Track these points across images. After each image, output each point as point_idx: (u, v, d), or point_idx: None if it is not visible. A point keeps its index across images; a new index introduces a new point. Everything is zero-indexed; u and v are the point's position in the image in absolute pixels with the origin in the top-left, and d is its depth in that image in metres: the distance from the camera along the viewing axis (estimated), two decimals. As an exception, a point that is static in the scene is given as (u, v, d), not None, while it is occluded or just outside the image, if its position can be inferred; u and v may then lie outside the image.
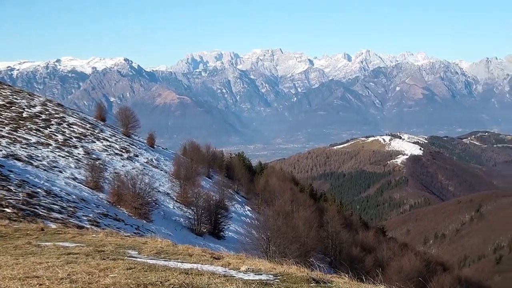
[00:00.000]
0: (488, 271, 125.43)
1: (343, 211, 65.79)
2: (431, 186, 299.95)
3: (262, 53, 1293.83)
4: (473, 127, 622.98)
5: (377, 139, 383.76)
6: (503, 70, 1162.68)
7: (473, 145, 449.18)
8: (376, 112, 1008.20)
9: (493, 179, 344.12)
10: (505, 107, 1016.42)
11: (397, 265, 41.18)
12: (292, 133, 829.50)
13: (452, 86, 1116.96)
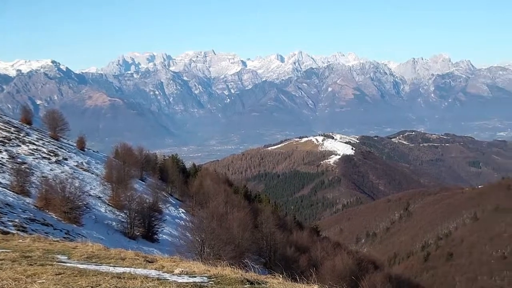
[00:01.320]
0: (417, 268, 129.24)
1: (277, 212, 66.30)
2: (362, 185, 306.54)
3: (194, 55, 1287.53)
4: (401, 127, 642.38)
5: (310, 140, 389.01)
6: (429, 70, 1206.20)
7: (401, 145, 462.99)
8: (309, 113, 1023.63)
9: (420, 177, 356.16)
10: (430, 106, 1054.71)
11: (330, 265, 41.77)
12: (226, 135, 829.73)
13: (382, 86, 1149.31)
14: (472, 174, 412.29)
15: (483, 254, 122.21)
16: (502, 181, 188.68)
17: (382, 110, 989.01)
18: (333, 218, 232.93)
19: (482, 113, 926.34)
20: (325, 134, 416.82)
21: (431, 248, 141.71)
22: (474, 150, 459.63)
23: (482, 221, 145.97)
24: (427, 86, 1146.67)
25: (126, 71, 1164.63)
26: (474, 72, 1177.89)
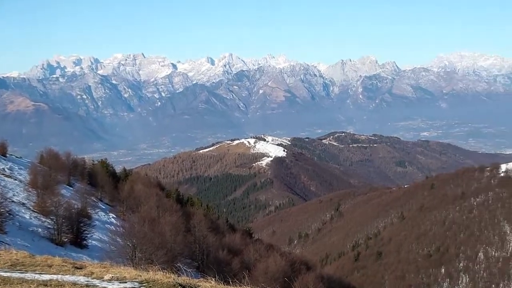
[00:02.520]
0: (348, 267, 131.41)
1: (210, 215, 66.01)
2: (294, 187, 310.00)
3: (123, 58, 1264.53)
4: (332, 128, 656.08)
5: (242, 142, 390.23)
6: (357, 71, 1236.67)
7: (332, 146, 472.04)
8: (241, 115, 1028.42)
9: (350, 178, 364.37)
10: (358, 108, 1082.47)
11: (263, 266, 41.87)
12: (157, 138, 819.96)
13: (312, 88, 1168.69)
14: (399, 174, 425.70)
15: (410, 252, 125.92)
16: (426, 181, 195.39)
17: (313, 111, 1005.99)
18: (265, 220, 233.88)
19: (407, 114, 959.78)
20: (257, 137, 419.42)
21: (361, 248, 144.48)
22: (400, 150, 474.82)
23: (408, 220, 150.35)
24: (356, 87, 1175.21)
25: (51, 75, 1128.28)
26: (399, 73, 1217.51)
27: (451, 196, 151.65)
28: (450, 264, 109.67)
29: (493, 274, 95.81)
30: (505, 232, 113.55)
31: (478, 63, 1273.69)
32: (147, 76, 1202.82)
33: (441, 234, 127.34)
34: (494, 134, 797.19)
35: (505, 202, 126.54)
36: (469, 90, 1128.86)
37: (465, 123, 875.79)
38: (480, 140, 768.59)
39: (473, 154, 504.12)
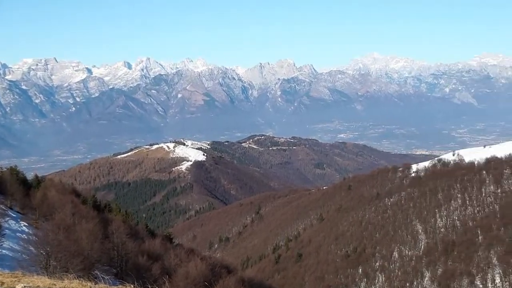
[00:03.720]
0: (268, 270, 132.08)
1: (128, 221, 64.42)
2: (215, 191, 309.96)
3: (34, 63, 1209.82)
4: (251, 131, 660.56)
5: (161, 147, 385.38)
6: (275, 75, 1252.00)
7: (252, 149, 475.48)
8: (160, 120, 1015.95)
9: (270, 180, 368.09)
10: (277, 110, 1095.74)
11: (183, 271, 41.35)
12: (71, 144, 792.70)
13: (231, 91, 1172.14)
14: (318, 176, 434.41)
15: (329, 253, 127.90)
16: (343, 182, 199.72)
17: (232, 115, 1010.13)
18: (186, 224, 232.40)
19: (325, 116, 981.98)
20: (176, 141, 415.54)
21: (282, 250, 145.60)
22: (318, 152, 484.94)
23: (327, 221, 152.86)
24: (274, 90, 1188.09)
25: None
26: (317, 76, 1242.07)
27: (367, 196, 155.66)
28: (367, 263, 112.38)
29: (407, 272, 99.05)
30: (417, 231, 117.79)
31: (390, 65, 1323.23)
32: (60, 81, 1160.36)
33: (358, 235, 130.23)
34: (405, 135, 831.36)
35: (416, 202, 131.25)
36: (382, 92, 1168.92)
37: (379, 125, 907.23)
38: (393, 141, 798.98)
39: (386, 155, 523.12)
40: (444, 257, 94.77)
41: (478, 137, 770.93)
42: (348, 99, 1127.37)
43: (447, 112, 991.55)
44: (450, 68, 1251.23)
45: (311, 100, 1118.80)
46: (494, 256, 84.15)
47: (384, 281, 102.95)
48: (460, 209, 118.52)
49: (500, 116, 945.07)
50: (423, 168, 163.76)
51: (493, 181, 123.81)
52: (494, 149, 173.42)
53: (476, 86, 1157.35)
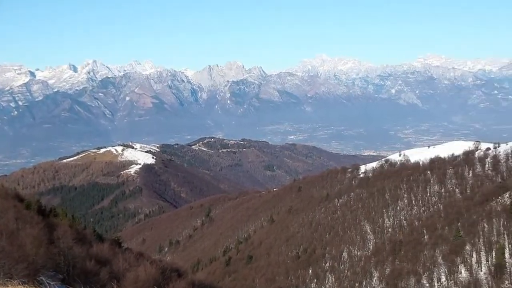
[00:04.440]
0: (219, 273, 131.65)
1: (75, 225, 62.82)
2: (164, 194, 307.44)
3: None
4: (201, 134, 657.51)
5: (109, 150, 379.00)
6: (224, 77, 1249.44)
7: (202, 151, 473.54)
8: (107, 123, 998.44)
9: (220, 183, 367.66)
10: (227, 113, 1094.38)
11: (133, 276, 40.58)
12: (14, 149, 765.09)
13: (180, 94, 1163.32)
14: (268, 177, 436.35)
15: (280, 255, 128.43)
16: (294, 183, 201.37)
17: (182, 118, 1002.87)
18: (135, 228, 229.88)
19: (274, 118, 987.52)
20: (124, 144, 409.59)
21: (232, 252, 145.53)
22: (268, 154, 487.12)
23: (278, 223, 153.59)
24: (224, 93, 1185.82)
25: None
26: (266, 78, 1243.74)
27: (317, 197, 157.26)
28: (317, 264, 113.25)
29: (357, 273, 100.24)
30: (366, 231, 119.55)
31: (338, 67, 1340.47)
32: (1, 84, 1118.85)
33: (308, 236, 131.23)
34: (354, 136, 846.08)
35: (365, 202, 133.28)
36: (331, 93, 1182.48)
37: (328, 126, 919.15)
38: (342, 142, 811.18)
39: (336, 156, 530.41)
40: (392, 256, 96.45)
41: (423, 137, 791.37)
42: (298, 101, 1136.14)
43: (394, 113, 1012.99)
44: (395, 69, 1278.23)
45: (261, 102, 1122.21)
46: (439, 255, 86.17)
47: (334, 281, 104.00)
48: (407, 209, 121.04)
49: (443, 116, 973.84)
50: (371, 169, 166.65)
51: (437, 181, 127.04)
52: (437, 149, 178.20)
53: (421, 87, 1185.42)
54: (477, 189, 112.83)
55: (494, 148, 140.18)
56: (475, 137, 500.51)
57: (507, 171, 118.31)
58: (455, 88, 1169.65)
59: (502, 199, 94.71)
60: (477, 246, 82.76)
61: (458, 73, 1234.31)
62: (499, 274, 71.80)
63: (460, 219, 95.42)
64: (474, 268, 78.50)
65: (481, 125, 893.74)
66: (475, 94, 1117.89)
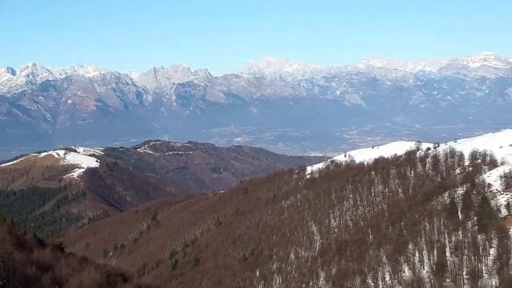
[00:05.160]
0: (166, 276, 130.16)
1: (15, 231, 60.71)
2: (109, 198, 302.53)
3: None
4: (147, 137, 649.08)
5: (50, 154, 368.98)
6: (169, 79, 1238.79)
7: (147, 154, 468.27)
8: (48, 127, 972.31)
9: (167, 186, 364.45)
10: (173, 115, 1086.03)
11: (77, 281, 39.66)
12: None
13: (124, 97, 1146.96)
14: (215, 180, 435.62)
15: (227, 257, 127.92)
16: (240, 185, 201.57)
17: (127, 120, 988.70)
18: (79, 233, 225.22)
19: (221, 120, 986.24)
20: (67, 148, 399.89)
21: (179, 255, 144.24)
22: (215, 157, 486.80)
23: (224, 225, 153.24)
24: (169, 95, 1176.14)
25: None
26: (212, 80, 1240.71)
27: (264, 199, 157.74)
28: (264, 266, 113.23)
29: (303, 273, 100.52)
30: (313, 232, 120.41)
31: (284, 68, 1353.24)
32: None
33: (255, 237, 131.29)
34: (300, 137, 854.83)
35: (311, 203, 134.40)
36: (277, 95, 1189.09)
37: (274, 128, 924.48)
38: (288, 143, 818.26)
39: (282, 158, 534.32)
40: (338, 257, 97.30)
41: (367, 138, 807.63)
42: (244, 103, 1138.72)
43: (339, 114, 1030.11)
44: (340, 71, 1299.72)
45: (207, 104, 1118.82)
46: (384, 254, 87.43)
47: (281, 282, 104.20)
48: (352, 209, 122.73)
49: (386, 117, 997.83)
50: (317, 170, 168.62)
51: (381, 181, 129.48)
52: (381, 149, 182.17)
53: (364, 88, 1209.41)
54: (418, 188, 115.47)
55: (434, 148, 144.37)
56: (416, 137, 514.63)
57: (446, 170, 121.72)
58: (397, 89, 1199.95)
59: (442, 199, 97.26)
60: (420, 245, 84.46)
61: (400, 74, 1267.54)
62: (441, 272, 73.35)
63: (403, 218, 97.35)
64: (417, 267, 79.97)
65: (421, 125, 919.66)
66: (416, 94, 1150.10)
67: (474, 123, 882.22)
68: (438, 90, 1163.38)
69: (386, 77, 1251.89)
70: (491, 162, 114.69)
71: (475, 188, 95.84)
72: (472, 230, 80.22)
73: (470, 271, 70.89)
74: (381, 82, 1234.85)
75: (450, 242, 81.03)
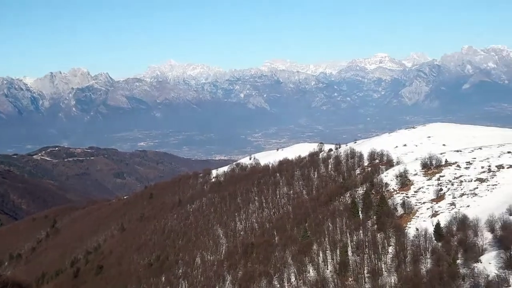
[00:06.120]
0: (67, 285, 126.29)
1: None
2: (2, 206, 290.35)
3: None
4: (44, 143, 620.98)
5: None
6: (68, 84, 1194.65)
7: (45, 161, 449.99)
8: None
9: (67, 193, 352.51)
10: (72, 121, 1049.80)
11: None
12: None
13: (18, 102, 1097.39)
14: (118, 185, 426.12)
15: (132, 263, 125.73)
16: (145, 190, 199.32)
17: (21, 127, 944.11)
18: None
19: (123, 125, 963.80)
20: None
21: (81, 263, 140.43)
22: (118, 162, 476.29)
23: (129, 231, 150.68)
24: (68, 100, 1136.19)
25: None
26: (113, 84, 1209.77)
27: (170, 204, 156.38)
28: (170, 271, 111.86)
29: (210, 277, 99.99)
30: (218, 235, 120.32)
31: (187, 72, 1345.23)
32: None
33: (161, 243, 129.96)
34: (205, 141, 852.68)
35: (217, 207, 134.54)
36: (181, 99, 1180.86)
37: (179, 132, 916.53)
38: (193, 147, 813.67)
39: (187, 162, 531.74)
40: (244, 259, 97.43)
41: (271, 140, 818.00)
42: (147, 107, 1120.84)
43: (243, 117, 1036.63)
44: (244, 73, 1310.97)
45: (109, 109, 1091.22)
46: (289, 255, 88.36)
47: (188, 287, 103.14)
48: (258, 211, 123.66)
49: (290, 119, 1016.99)
50: (223, 173, 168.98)
51: (286, 183, 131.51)
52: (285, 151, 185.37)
53: (268, 91, 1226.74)
54: (322, 189, 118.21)
55: (336, 149, 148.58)
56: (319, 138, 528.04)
57: (347, 171, 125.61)
58: (300, 91, 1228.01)
59: (344, 199, 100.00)
60: (323, 245, 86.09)
61: (302, 76, 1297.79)
62: (343, 271, 74.97)
63: (307, 219, 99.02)
64: (321, 267, 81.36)
65: (324, 127, 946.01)
66: (318, 96, 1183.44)
67: (372, 123, 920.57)
68: (339, 92, 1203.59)
69: (289, 80, 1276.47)
70: (388, 162, 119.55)
71: (374, 187, 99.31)
72: (372, 229, 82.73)
73: (370, 270, 72.87)
74: (284, 85, 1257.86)
75: (352, 241, 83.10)
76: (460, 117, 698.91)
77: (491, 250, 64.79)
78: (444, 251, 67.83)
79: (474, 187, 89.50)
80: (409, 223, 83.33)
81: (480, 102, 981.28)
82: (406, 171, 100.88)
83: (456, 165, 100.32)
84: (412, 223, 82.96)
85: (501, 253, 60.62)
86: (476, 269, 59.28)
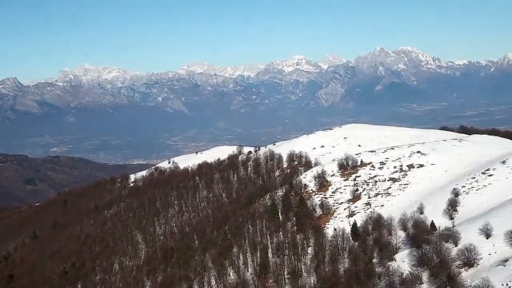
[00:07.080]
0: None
1: None
2: None
3: None
4: None
5: None
6: None
7: None
8: None
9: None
10: None
11: None
12: None
13: None
14: (29, 192, 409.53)
15: (45, 271, 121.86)
16: (58, 197, 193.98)
17: None
18: None
19: (34, 130, 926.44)
20: None
21: None
22: (28, 168, 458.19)
23: (42, 239, 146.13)
24: None
25: None
26: (22, 89, 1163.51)
27: (85, 210, 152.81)
28: (86, 278, 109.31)
29: (128, 283, 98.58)
30: (137, 241, 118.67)
31: (103, 76, 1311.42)
32: None
33: (77, 249, 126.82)
34: (122, 146, 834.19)
35: (135, 212, 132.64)
36: (96, 103, 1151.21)
37: (94, 137, 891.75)
38: (110, 152, 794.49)
39: (104, 167, 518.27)
40: (164, 264, 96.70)
41: (190, 144, 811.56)
42: (60, 112, 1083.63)
43: (161, 120, 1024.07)
44: (161, 77, 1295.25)
45: (17, 114, 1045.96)
46: (209, 259, 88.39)
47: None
48: (177, 215, 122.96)
49: (209, 122, 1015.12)
50: (141, 178, 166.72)
51: (205, 186, 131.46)
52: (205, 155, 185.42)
53: (186, 94, 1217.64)
54: (241, 192, 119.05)
55: (255, 151, 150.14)
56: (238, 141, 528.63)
57: (267, 173, 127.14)
58: (218, 94, 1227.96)
59: (264, 201, 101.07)
60: (244, 248, 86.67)
61: (220, 79, 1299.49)
62: (264, 273, 75.69)
63: (227, 222, 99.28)
64: (242, 269, 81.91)
65: (243, 130, 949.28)
66: (236, 99, 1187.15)
67: (290, 125, 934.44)
68: (257, 94, 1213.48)
69: (207, 83, 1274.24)
70: (307, 163, 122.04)
71: (293, 189, 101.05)
72: (292, 231, 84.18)
73: (290, 271, 74.08)
74: (203, 88, 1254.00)
75: (272, 243, 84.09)
76: (374, 117, 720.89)
77: (404, 248, 67.56)
78: (361, 250, 69.99)
79: (388, 187, 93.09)
80: (327, 224, 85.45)
81: (392, 102, 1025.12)
82: (324, 172, 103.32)
83: (371, 165, 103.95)
84: (331, 223, 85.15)
85: (414, 251, 63.42)
86: (391, 267, 61.60)
